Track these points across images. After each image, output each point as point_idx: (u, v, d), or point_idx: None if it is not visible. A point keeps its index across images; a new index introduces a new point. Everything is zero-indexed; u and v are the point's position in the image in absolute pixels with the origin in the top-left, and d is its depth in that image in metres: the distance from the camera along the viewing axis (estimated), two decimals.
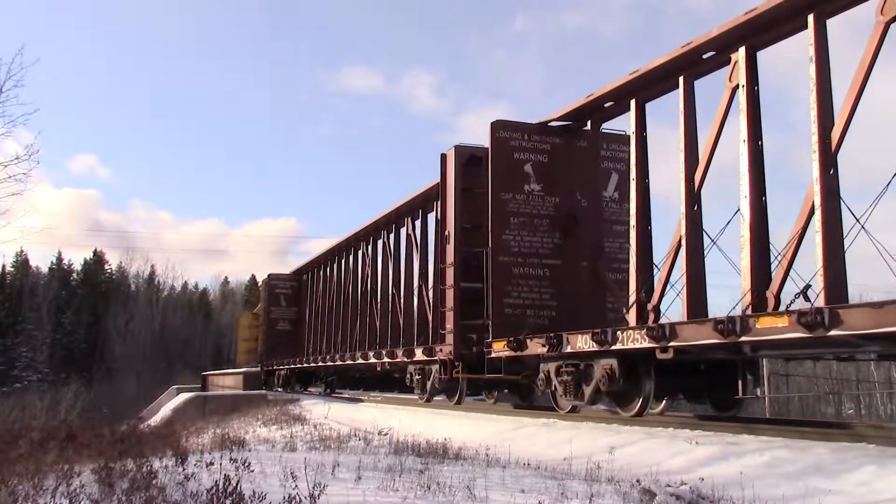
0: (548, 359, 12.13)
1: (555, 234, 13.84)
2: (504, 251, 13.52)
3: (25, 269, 70.55)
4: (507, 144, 13.81)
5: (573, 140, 14.13)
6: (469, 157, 15.61)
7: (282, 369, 31.07)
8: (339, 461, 7.11)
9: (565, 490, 5.96)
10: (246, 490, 5.05)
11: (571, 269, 13.69)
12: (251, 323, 42.54)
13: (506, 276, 13.46)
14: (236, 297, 77.33)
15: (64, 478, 5.99)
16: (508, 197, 13.64)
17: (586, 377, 11.27)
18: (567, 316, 13.11)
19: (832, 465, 6.77)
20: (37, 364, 62.57)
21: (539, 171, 13.90)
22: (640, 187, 11.69)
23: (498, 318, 13.37)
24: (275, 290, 33.67)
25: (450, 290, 15.28)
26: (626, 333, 10.18)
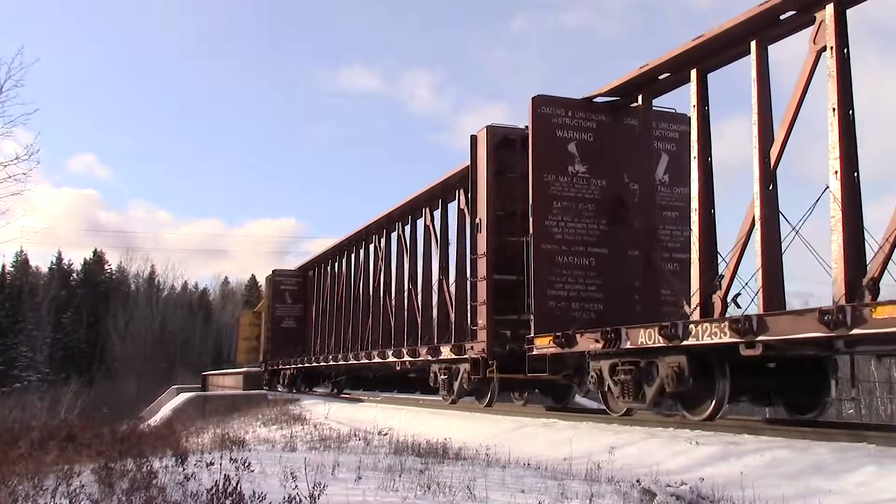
0: (600, 356, 11.12)
1: (601, 221, 12.74)
2: (547, 238, 12.40)
3: (25, 269, 70.54)
4: (549, 122, 12.65)
5: (620, 117, 13.08)
6: (502, 139, 14.55)
7: (287, 369, 30.19)
8: (339, 461, 7.11)
9: (565, 490, 5.96)
10: (246, 490, 5.05)
11: (619, 259, 12.67)
12: (252, 322, 42.05)
13: (549, 265, 12.34)
14: (236, 297, 77.33)
15: (64, 478, 5.99)
16: (551, 179, 12.51)
17: (648, 377, 10.23)
18: (615, 310, 12.16)
19: (832, 465, 6.76)
20: (37, 364, 62.56)
21: (584, 152, 12.76)
22: (703, 167, 10.67)
23: (540, 311, 12.26)
24: (279, 287, 32.61)
25: (482, 283, 14.24)
26: (702, 327, 9.09)
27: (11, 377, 58.37)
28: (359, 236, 24.78)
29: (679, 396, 10.11)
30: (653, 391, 10.15)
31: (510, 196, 14.15)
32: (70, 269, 72.71)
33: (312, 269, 31.49)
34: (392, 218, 21.58)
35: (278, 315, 32.23)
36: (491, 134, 14.54)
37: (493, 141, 14.54)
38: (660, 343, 9.65)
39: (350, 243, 25.88)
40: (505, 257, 13.98)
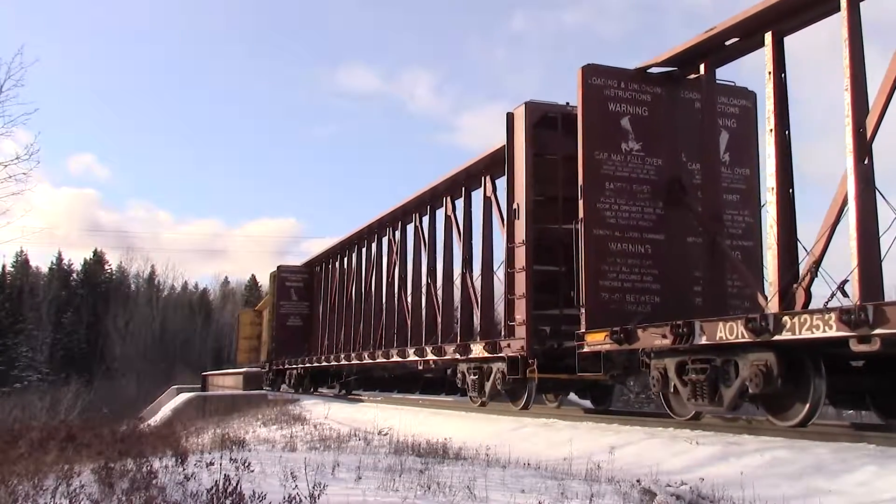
0: (664, 353, 10.07)
1: (657, 204, 11.63)
2: (599, 223, 11.27)
3: (25, 269, 70.59)
4: (600, 94, 11.53)
5: (677, 90, 12.02)
6: (541, 117, 13.33)
7: (293, 368, 29.07)
8: (339, 461, 7.12)
9: (565, 490, 5.96)
10: (246, 490, 5.05)
11: (677, 246, 11.63)
12: (253, 321, 41.42)
13: (601, 253, 11.22)
14: (236, 297, 77.36)
15: (64, 478, 5.99)
16: (603, 157, 11.40)
17: (725, 376, 9.11)
18: (674, 302, 11.13)
19: (832, 465, 6.76)
20: (37, 364, 62.61)
21: (638, 127, 11.66)
22: (780, 141, 9.49)
23: (593, 304, 11.11)
24: (285, 284, 31.28)
25: (520, 275, 13.04)
26: (799, 319, 7.96)
27: (11, 377, 58.39)
28: (371, 229, 23.62)
29: (763, 399, 8.99)
30: (732, 393, 9.03)
31: (550, 180, 13.15)
32: (70, 269, 72.82)
33: (319, 265, 30.41)
34: (408, 209, 20.45)
35: (283, 312, 31.03)
36: (530, 111, 13.27)
37: (533, 118, 13.28)
38: (744, 338, 8.53)
39: (361, 237, 24.74)
40: (544, 247, 13.02)
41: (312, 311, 30.40)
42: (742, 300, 11.32)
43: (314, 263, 31.08)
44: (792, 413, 8.72)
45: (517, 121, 13.52)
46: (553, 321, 13.03)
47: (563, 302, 12.68)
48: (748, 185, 12.34)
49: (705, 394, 9.36)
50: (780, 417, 8.91)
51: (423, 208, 19.59)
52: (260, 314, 41.16)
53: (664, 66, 11.78)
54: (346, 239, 26.11)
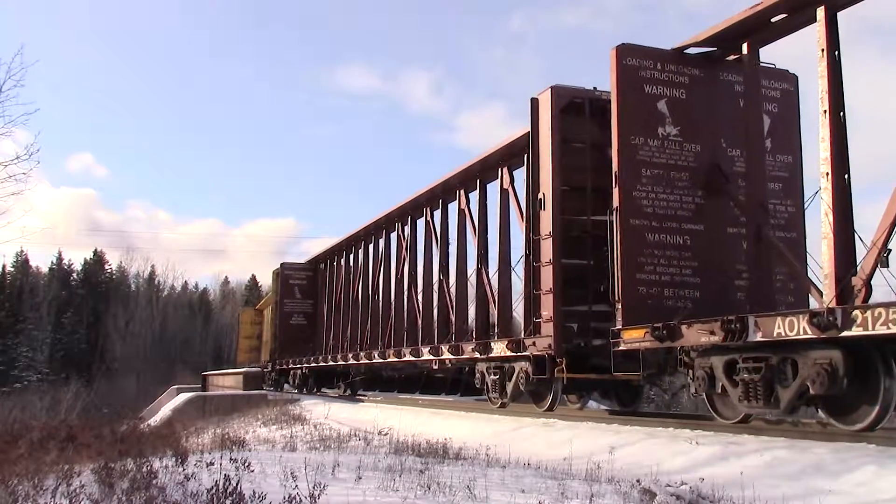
0: (711, 351, 9.41)
1: (696, 192, 11.03)
2: (636, 212, 10.65)
3: (25, 269, 70.59)
4: (636, 75, 10.95)
5: (716, 72, 11.45)
6: (568, 103, 12.70)
7: (298, 368, 28.38)
8: (339, 461, 7.11)
9: (565, 490, 5.96)
10: (246, 490, 5.05)
11: (718, 237, 11.04)
12: (253, 320, 41.32)
13: (638, 244, 10.59)
14: (236, 297, 77.39)
15: (64, 478, 5.99)
16: (639, 142, 10.79)
17: (781, 376, 8.49)
18: (714, 297, 10.59)
19: (832, 465, 6.77)
20: (37, 364, 62.61)
21: (675, 111, 11.06)
22: (835, 125, 8.82)
23: (629, 299, 10.46)
24: (288, 281, 30.42)
25: (547, 269, 12.36)
26: (873, 313, 7.28)
27: (11, 377, 58.43)
28: (378, 225, 22.86)
29: (825, 401, 8.35)
30: (790, 394, 8.34)
31: (577, 168, 12.51)
32: (70, 269, 72.82)
33: (324, 262, 29.58)
34: (418, 203, 19.68)
35: (287, 311, 30.23)
36: (556, 95, 12.58)
37: (559, 104, 12.60)
38: (807, 334, 7.87)
39: (368, 233, 23.95)
40: (571, 239, 12.40)
41: (316, 310, 29.73)
42: (785, 294, 10.77)
43: (318, 261, 30.35)
44: (858, 416, 8.06)
45: (542, 106, 12.86)
46: (581, 318, 12.42)
47: (592, 297, 12.15)
48: (791, 173, 11.76)
49: (759, 395, 8.63)
50: (845, 421, 8.25)
51: (434, 202, 18.94)
52: (261, 313, 40.91)
53: (703, 45, 11.16)
54: (352, 235, 25.36)
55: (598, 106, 12.58)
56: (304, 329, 29.66)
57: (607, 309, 11.67)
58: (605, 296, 11.77)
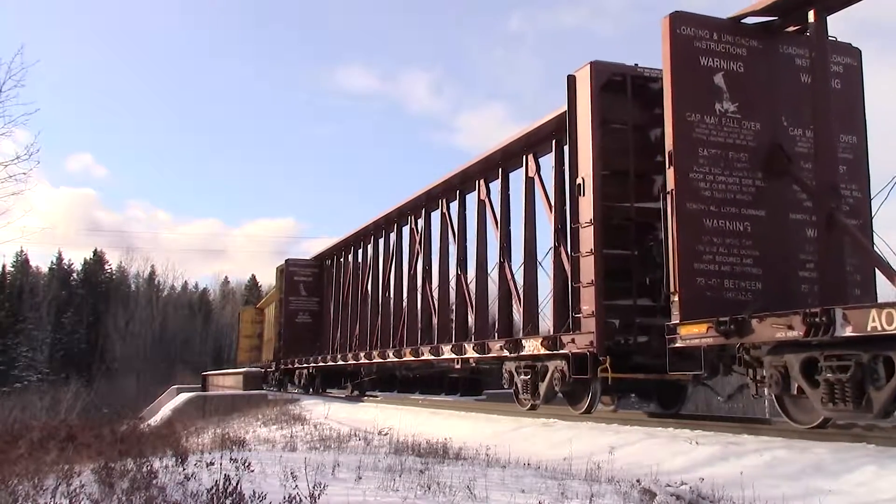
0: (784, 348, 8.51)
1: (756, 174, 10.17)
2: (692, 195, 9.80)
3: (25, 269, 70.60)
4: (690, 45, 10.11)
5: (775, 44, 10.62)
6: (608, 80, 11.85)
7: (304, 368, 27.52)
8: (339, 461, 7.11)
9: (565, 490, 5.97)
10: (246, 490, 5.05)
11: (780, 224, 10.22)
12: (254, 319, 41.06)
13: (696, 230, 9.75)
14: (236, 297, 77.39)
15: (64, 478, 5.99)
16: (695, 119, 9.98)
17: (874, 376, 7.54)
18: (777, 289, 9.81)
19: (832, 465, 6.77)
20: (37, 364, 62.64)
21: (733, 86, 10.25)
22: None
23: (687, 291, 9.61)
24: (293, 278, 29.48)
25: (587, 259, 11.48)
26: None
27: (11, 377, 58.44)
28: (389, 219, 21.94)
29: None
30: (885, 396, 7.46)
31: (619, 152, 11.75)
32: (70, 269, 72.84)
33: (330, 258, 28.58)
34: (433, 195, 18.77)
35: (292, 309, 29.21)
36: (596, 72, 11.71)
37: (599, 81, 11.73)
38: None
39: (378, 227, 22.99)
40: (613, 227, 11.59)
41: (323, 308, 28.94)
42: (852, 287, 9.99)
43: (324, 257, 29.49)
44: None
45: (580, 84, 11.92)
46: (624, 313, 11.53)
47: (638, 290, 11.38)
48: (855, 155, 10.88)
49: (847, 397, 7.73)
50: None
51: (451, 193, 18.08)
52: (262, 312, 40.57)
53: (761, 15, 10.32)
54: (361, 230, 24.39)
55: (640, 84, 11.85)
56: (310, 327, 28.91)
57: (651, 303, 11.23)
58: (649, 289, 11.33)
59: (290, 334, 29.02)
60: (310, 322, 29.06)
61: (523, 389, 13.49)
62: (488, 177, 16.22)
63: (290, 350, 28.89)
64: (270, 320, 34.75)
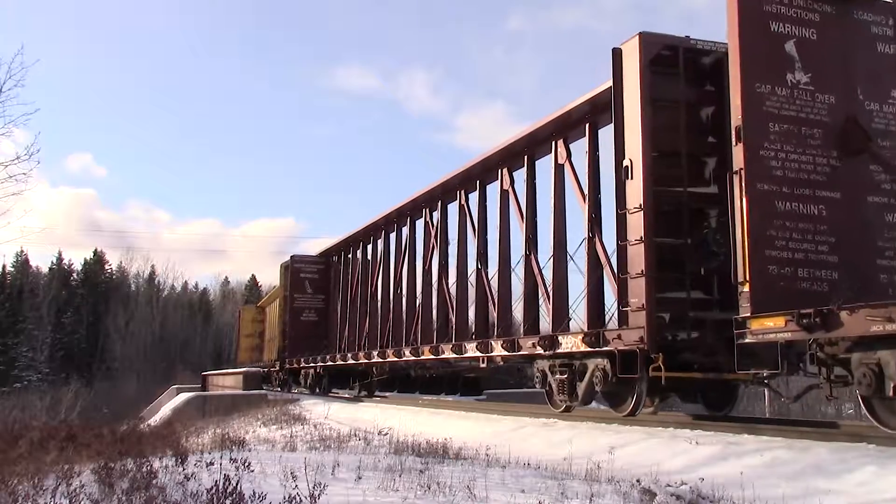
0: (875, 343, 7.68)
1: (830, 152, 9.30)
2: (763, 175, 8.95)
3: (25, 269, 70.62)
4: (759, 9, 9.32)
5: (849, 10, 9.74)
6: (658, 54, 10.97)
7: (310, 367, 26.53)
8: (339, 461, 7.12)
9: (565, 490, 5.97)
10: (246, 490, 5.05)
11: (856, 207, 9.33)
12: (254, 318, 40.44)
13: (767, 214, 8.90)
14: (236, 297, 77.37)
15: (64, 478, 5.99)
16: (765, 90, 9.13)
17: None
18: (854, 279, 8.97)
19: (832, 465, 6.77)
20: (37, 364, 62.65)
21: (806, 54, 9.38)
22: None
23: (759, 280, 8.74)
24: (299, 275, 28.40)
25: (637, 248, 10.57)
26: None
27: (11, 377, 58.43)
28: (401, 212, 21.03)
29: None
30: None
31: (669, 131, 10.95)
32: (70, 269, 72.85)
33: (337, 255, 27.56)
34: (450, 186, 17.92)
35: (297, 307, 28.18)
36: (645, 44, 10.79)
37: (649, 54, 10.86)
38: None
39: (389, 221, 22.08)
40: (662, 214, 10.74)
41: (329, 305, 27.97)
42: None
43: (331, 253, 28.47)
44: None
45: (627, 58, 11.04)
46: (675, 306, 10.62)
47: (691, 282, 10.55)
48: None
49: None
50: None
51: (470, 184, 17.21)
52: (263, 311, 40.11)
53: None
54: (371, 225, 23.36)
55: (693, 57, 11.06)
56: (316, 326, 27.92)
57: (705, 296, 10.59)
58: (703, 280, 10.65)
59: (296, 333, 28.07)
60: (316, 320, 28.12)
61: (559, 390, 12.47)
62: (512, 165, 15.33)
63: (295, 349, 28.00)
64: (273, 319, 34.04)
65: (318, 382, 26.23)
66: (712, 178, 10.96)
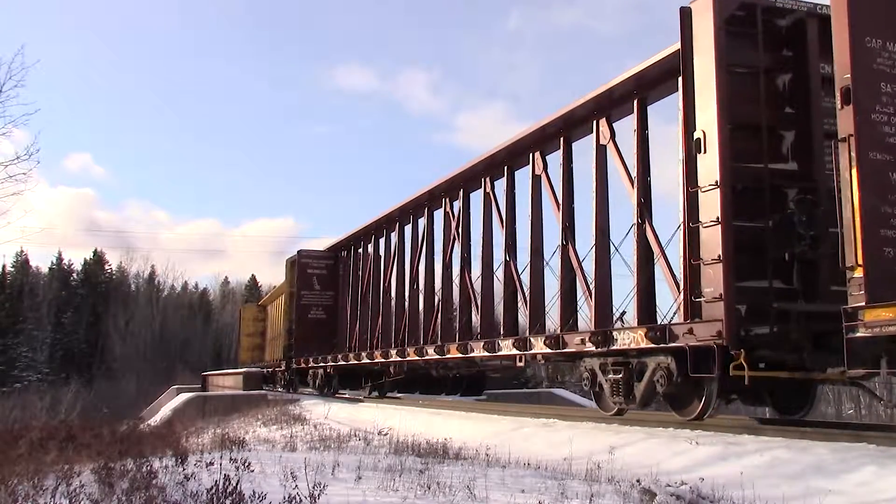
0: None
1: None
2: (876, 143, 7.97)
3: (25, 269, 70.57)
4: None
5: None
6: (732, 14, 9.89)
7: (319, 367, 25.65)
8: (339, 461, 7.12)
9: (565, 490, 5.97)
10: (246, 490, 5.05)
11: None
12: (256, 317, 40.25)
13: (882, 188, 7.92)
14: (236, 297, 77.34)
15: (64, 478, 6.00)
16: (876, 46, 8.14)
17: None
18: None
19: (832, 465, 6.78)
20: (37, 364, 62.59)
21: None
22: None
23: (874, 264, 7.70)
24: (306, 271, 27.56)
25: (712, 230, 9.52)
26: None
27: (11, 377, 58.36)
28: (418, 202, 20.05)
29: None
30: None
31: (746, 100, 9.92)
32: (70, 269, 72.76)
33: (347, 249, 26.64)
34: (474, 174, 17.00)
35: (305, 304, 27.23)
36: (720, 2, 9.72)
37: (724, 13, 9.78)
38: None
39: (405, 212, 21.07)
40: (739, 193, 9.68)
41: (338, 302, 27.12)
42: None
43: (340, 248, 27.49)
44: None
45: (699, 18, 9.95)
46: (755, 297, 9.48)
47: (774, 270, 9.54)
48: None
49: None
50: None
51: (495, 170, 16.28)
52: (264, 310, 39.79)
53: None
54: (383, 217, 22.33)
55: (768, 19, 10.13)
56: (325, 324, 26.98)
57: (785, 286, 9.62)
58: (785, 268, 9.66)
59: (303, 331, 27.17)
60: (324, 318, 27.18)
61: (612, 391, 11.33)
62: (545, 148, 14.42)
63: (302, 348, 26.99)
64: (277, 317, 33.56)
65: (327, 383, 25.34)
66: (791, 152, 10.11)
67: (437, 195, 19.19)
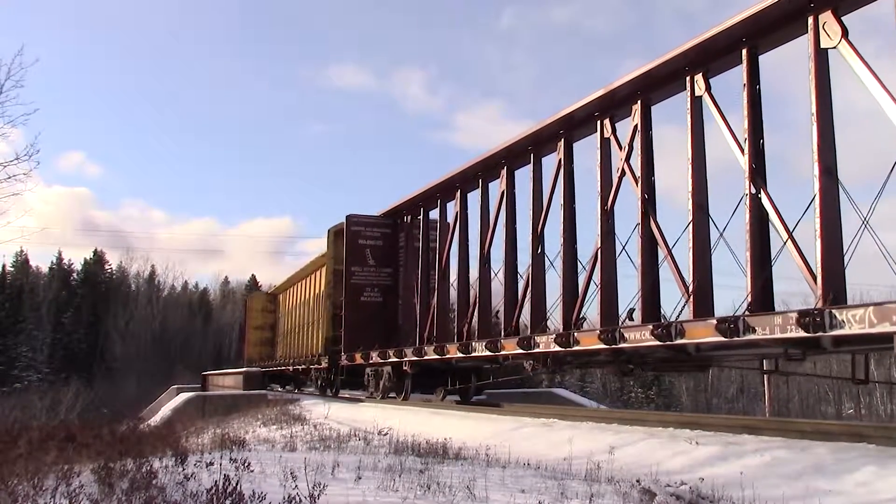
0: None
1: None
2: None
3: (25, 269, 70.58)
4: None
5: None
6: None
7: (387, 364, 19.93)
8: (339, 461, 7.12)
9: (565, 490, 5.97)
10: (246, 490, 5.05)
11: None
12: (265, 307, 36.69)
13: None
14: (236, 297, 77.33)
15: (64, 478, 5.99)
16: None
17: None
18: None
19: (832, 465, 6.78)
20: (37, 364, 62.59)
21: None
22: None
23: None
24: (357, 242, 21.81)
25: None
26: None
27: (11, 377, 58.37)
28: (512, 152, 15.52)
29: None
30: None
31: None
32: (70, 269, 72.77)
33: (410, 214, 21.22)
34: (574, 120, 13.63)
35: (356, 283, 21.73)
36: None
37: None
38: None
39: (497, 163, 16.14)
40: None
41: (397, 282, 21.78)
42: None
43: (401, 212, 21.87)
44: None
45: None
46: None
47: None
48: None
49: None
50: None
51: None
52: (275, 299, 35.77)
53: None
54: (466, 169, 17.33)
55: None
56: (382, 308, 21.74)
57: None
58: None
59: (356, 318, 21.66)
60: (380, 301, 21.86)
61: None
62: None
63: (354, 340, 21.56)
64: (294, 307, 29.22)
65: (396, 385, 19.90)
66: None
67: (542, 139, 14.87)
